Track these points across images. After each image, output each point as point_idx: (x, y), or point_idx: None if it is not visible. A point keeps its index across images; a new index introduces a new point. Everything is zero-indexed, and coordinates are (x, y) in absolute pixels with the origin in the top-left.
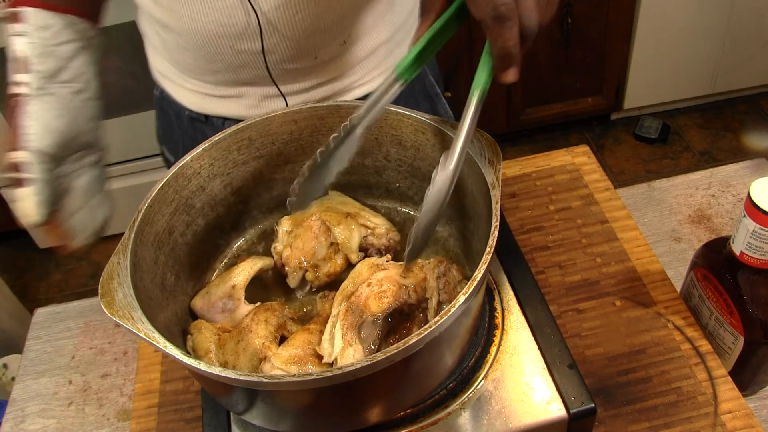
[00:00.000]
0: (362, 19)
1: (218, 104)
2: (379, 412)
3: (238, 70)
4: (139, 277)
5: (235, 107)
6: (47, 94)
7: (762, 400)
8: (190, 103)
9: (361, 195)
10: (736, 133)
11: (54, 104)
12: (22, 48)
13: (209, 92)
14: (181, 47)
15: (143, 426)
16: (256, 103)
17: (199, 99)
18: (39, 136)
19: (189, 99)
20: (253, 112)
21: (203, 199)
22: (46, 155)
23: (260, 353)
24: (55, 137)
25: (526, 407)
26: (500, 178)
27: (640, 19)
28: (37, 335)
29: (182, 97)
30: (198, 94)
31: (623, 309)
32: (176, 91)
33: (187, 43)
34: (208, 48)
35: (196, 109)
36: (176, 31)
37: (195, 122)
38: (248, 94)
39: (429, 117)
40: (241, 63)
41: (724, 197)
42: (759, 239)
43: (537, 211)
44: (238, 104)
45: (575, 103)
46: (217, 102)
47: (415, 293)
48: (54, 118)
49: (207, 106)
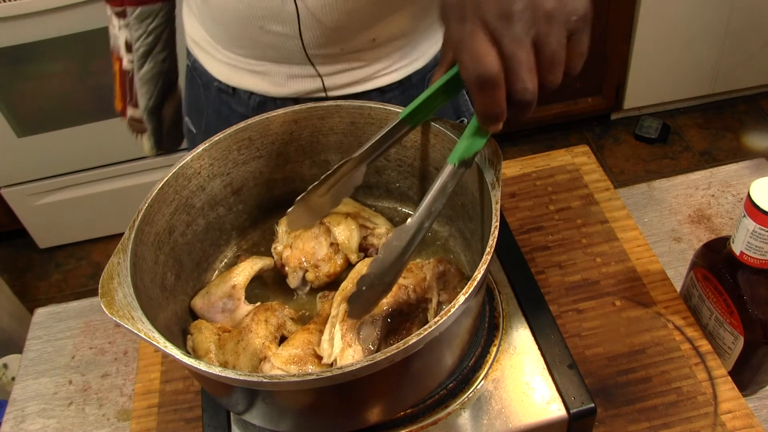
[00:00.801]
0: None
1: (247, 78)
2: (379, 412)
3: (268, 48)
4: (139, 277)
5: (262, 83)
6: (147, 65)
7: (762, 400)
8: (219, 74)
9: (361, 195)
10: (736, 133)
11: (152, 73)
12: (128, 36)
13: (239, 65)
14: (215, 19)
15: (143, 426)
16: (283, 82)
17: (228, 71)
18: (146, 97)
19: (219, 70)
20: (278, 90)
21: (203, 199)
22: (152, 109)
23: (260, 353)
24: (157, 96)
25: (526, 407)
26: (500, 178)
27: (640, 19)
28: (37, 335)
29: (212, 68)
30: (228, 65)
31: (623, 309)
32: (207, 61)
33: (220, 17)
34: (240, 23)
35: (225, 80)
36: (211, 3)
37: (222, 94)
38: (275, 72)
39: (429, 117)
40: (272, 43)
41: (724, 197)
42: (759, 239)
43: (537, 211)
44: (265, 81)
45: (575, 103)
46: (246, 75)
47: (415, 293)
48: (155, 83)
49: (235, 79)
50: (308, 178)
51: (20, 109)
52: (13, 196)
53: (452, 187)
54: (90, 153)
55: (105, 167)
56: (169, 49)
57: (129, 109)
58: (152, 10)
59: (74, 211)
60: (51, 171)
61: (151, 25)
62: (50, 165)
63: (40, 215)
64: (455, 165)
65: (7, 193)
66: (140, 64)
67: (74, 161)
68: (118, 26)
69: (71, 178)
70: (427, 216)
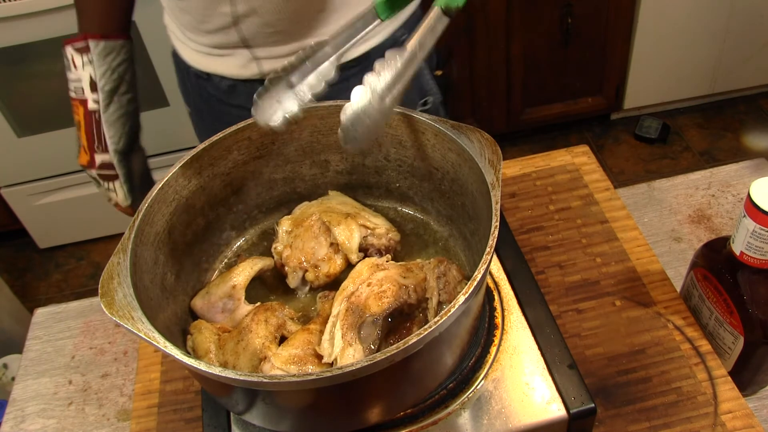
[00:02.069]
0: None
1: (215, 62)
2: (379, 412)
3: (226, 31)
4: (139, 277)
5: (228, 67)
6: (113, 105)
7: (762, 400)
8: (192, 60)
9: (361, 195)
10: (736, 133)
11: (119, 113)
12: (92, 73)
13: (206, 51)
14: (181, 9)
15: (143, 426)
16: (245, 64)
17: (199, 57)
18: (115, 139)
19: (191, 57)
20: (242, 72)
21: (203, 199)
22: (123, 152)
23: (260, 353)
24: (126, 138)
25: (526, 407)
26: (500, 178)
27: (640, 19)
28: (37, 335)
29: (186, 55)
30: (198, 52)
31: (623, 309)
32: (182, 49)
33: (186, 6)
34: (199, 9)
35: (197, 66)
36: None
37: (200, 79)
38: (238, 54)
39: (429, 117)
40: (226, 25)
41: (724, 197)
42: (759, 239)
43: (537, 211)
44: (230, 63)
45: (575, 103)
46: (214, 60)
47: (415, 293)
48: (122, 124)
49: (206, 64)
50: (308, 178)
51: (20, 109)
52: (13, 196)
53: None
54: None
55: None
56: (132, 93)
57: (97, 156)
58: (114, 45)
59: (74, 211)
60: (51, 171)
61: (114, 62)
62: (50, 165)
63: (40, 215)
64: (441, 8)
65: (7, 193)
66: (106, 104)
67: (74, 161)
68: (81, 64)
69: (71, 178)
70: (419, 48)
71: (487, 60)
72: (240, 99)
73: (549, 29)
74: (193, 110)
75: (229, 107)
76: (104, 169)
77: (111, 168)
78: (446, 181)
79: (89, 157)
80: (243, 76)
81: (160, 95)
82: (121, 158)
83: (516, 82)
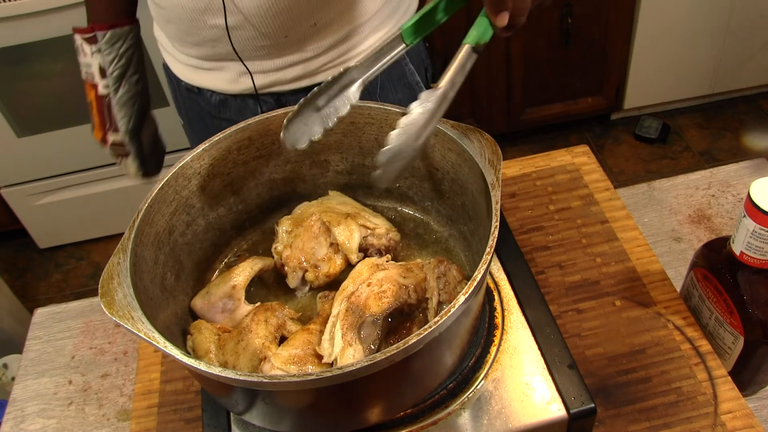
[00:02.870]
0: (332, 3)
1: (204, 77)
2: (379, 412)
3: (214, 44)
4: (139, 277)
5: (218, 81)
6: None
7: (762, 400)
8: (181, 74)
9: (361, 195)
10: (736, 133)
11: (128, 95)
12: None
13: (195, 65)
14: (167, 19)
15: (143, 426)
16: (235, 78)
17: (188, 71)
18: (125, 119)
19: (180, 70)
20: (232, 87)
21: (203, 199)
22: (133, 131)
23: (260, 353)
24: (135, 117)
25: (526, 407)
26: (500, 178)
27: (640, 19)
28: (37, 335)
29: (176, 69)
30: (187, 66)
31: (623, 309)
32: (171, 63)
33: (169, 15)
34: (184, 21)
35: (186, 80)
36: (160, 3)
37: (191, 93)
38: (228, 68)
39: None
40: (214, 37)
41: (724, 197)
42: (759, 239)
43: (537, 211)
44: (219, 78)
45: (575, 103)
46: (203, 74)
47: (415, 293)
48: (132, 105)
49: (195, 78)
50: (308, 178)
51: (20, 109)
52: (13, 196)
53: (468, 69)
54: (90, 153)
55: (105, 167)
56: (140, 72)
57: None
58: (121, 33)
59: (74, 211)
60: (51, 171)
61: (122, 48)
62: (50, 165)
63: (40, 215)
64: (471, 45)
65: (7, 193)
66: (116, 88)
67: (74, 161)
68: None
69: (71, 178)
70: (451, 87)
71: (487, 60)
72: (230, 113)
73: (549, 29)
74: (185, 122)
75: (220, 121)
76: (116, 146)
77: (123, 146)
78: (446, 181)
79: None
80: (234, 90)
81: (160, 95)
82: (131, 137)
83: (516, 82)
